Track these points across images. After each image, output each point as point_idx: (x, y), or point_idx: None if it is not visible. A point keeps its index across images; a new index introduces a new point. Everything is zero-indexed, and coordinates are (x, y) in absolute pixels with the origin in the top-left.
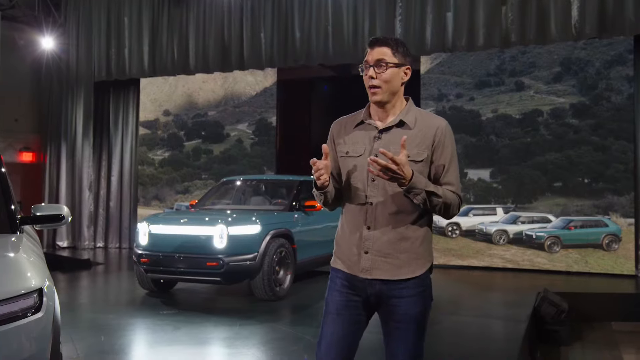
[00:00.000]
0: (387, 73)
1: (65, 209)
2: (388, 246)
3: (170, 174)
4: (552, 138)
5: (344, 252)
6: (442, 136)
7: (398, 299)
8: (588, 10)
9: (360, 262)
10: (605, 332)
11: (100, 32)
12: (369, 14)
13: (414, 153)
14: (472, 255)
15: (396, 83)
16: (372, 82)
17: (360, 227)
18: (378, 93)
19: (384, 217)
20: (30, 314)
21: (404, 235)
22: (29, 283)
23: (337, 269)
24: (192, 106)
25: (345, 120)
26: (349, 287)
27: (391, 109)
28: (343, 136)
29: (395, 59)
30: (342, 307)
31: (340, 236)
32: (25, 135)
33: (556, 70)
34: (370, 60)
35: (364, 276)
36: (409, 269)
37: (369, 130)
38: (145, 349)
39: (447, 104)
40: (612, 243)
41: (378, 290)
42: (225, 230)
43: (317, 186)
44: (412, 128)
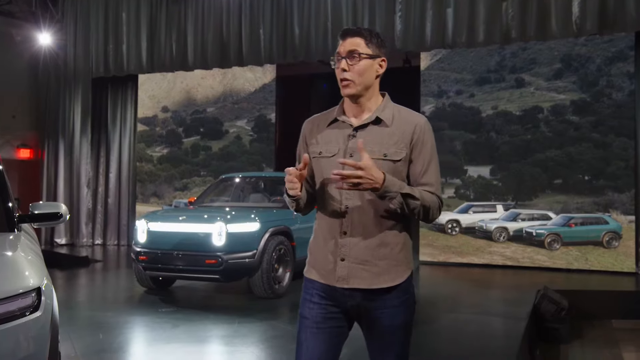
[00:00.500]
0: (360, 65)
1: (63, 207)
2: (366, 253)
3: (168, 171)
4: (552, 135)
5: (319, 260)
6: (422, 133)
7: (381, 310)
8: (589, 6)
9: (336, 271)
10: (605, 329)
11: (98, 28)
12: (369, 10)
13: (392, 152)
14: (472, 252)
15: (370, 76)
16: (344, 75)
17: (336, 234)
18: (350, 86)
19: (361, 222)
20: (28, 313)
21: (382, 241)
22: (27, 282)
23: (312, 279)
24: (190, 102)
25: (317, 119)
26: (327, 298)
27: (366, 104)
28: (315, 135)
29: (369, 50)
30: (322, 319)
31: (314, 244)
32: (23, 131)
33: (557, 67)
34: (342, 52)
35: (341, 285)
36: (389, 277)
37: (343, 128)
38: (144, 347)
39: (447, 101)
40: (613, 240)
41: (359, 301)
42: (224, 228)
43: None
44: (389, 125)
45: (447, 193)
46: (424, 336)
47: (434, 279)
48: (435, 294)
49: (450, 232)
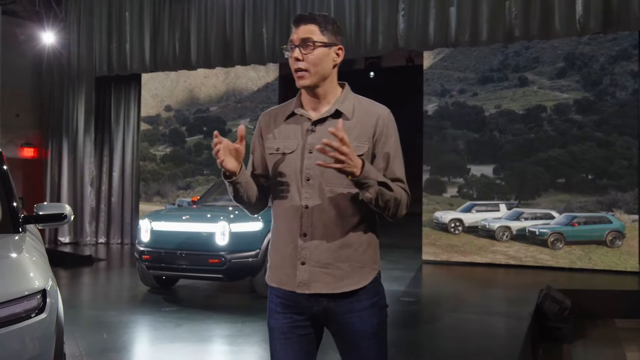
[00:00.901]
0: (315, 54)
1: (68, 207)
2: (328, 255)
3: (172, 170)
4: (555, 134)
5: (278, 265)
6: (384, 126)
7: (349, 314)
8: (592, 5)
9: (296, 276)
10: (609, 329)
11: (102, 27)
12: (372, 9)
13: (353, 146)
14: (474, 251)
15: (327, 65)
16: (298, 65)
17: (295, 235)
18: (305, 77)
19: (322, 222)
20: (34, 315)
21: (345, 241)
22: (33, 284)
23: (274, 287)
24: (193, 101)
25: (275, 112)
26: (291, 306)
27: (324, 96)
28: (272, 130)
29: (324, 38)
30: (288, 330)
31: (273, 247)
32: (27, 130)
33: (560, 66)
34: (296, 40)
35: (302, 291)
36: (353, 280)
37: (301, 123)
38: (148, 346)
39: (450, 100)
40: (616, 240)
41: (325, 306)
42: (227, 227)
43: (223, 174)
44: (350, 118)
45: (450, 192)
46: (426, 335)
47: (437, 278)
48: (438, 293)
49: (453, 231)
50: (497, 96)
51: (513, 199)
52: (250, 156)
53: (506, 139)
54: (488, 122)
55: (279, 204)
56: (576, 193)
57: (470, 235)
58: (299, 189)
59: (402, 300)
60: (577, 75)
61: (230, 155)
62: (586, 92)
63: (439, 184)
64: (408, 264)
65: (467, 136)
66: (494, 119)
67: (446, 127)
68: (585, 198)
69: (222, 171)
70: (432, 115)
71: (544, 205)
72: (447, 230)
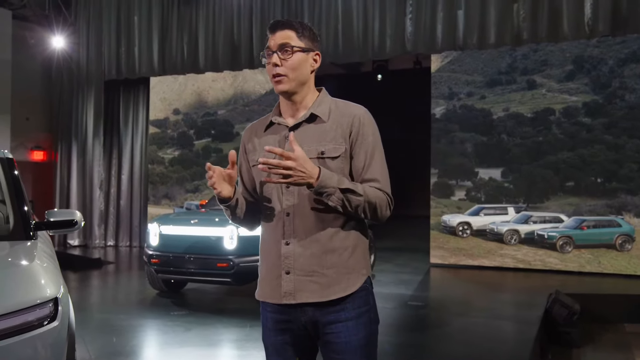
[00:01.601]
0: (293, 59)
1: (78, 214)
2: (312, 262)
3: (180, 173)
4: (564, 137)
5: (265, 277)
6: (361, 125)
7: (335, 324)
8: (601, 7)
9: (281, 286)
10: (618, 333)
11: (110, 31)
12: (379, 12)
13: (330, 148)
14: (483, 255)
15: (305, 71)
16: (276, 70)
17: (279, 244)
18: (284, 82)
19: (304, 229)
20: (46, 323)
21: (329, 247)
22: (45, 292)
23: (262, 301)
24: (201, 105)
25: (255, 125)
26: (281, 321)
27: (301, 102)
28: (254, 142)
29: (302, 43)
30: (281, 346)
31: (261, 257)
32: (36, 134)
33: (569, 69)
34: (273, 46)
35: (288, 301)
36: (340, 287)
37: (279, 132)
38: (157, 350)
39: (458, 103)
40: (626, 243)
41: (311, 316)
42: (235, 231)
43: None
44: (325, 121)
45: (458, 195)
46: (434, 339)
47: (445, 281)
48: (446, 297)
49: (461, 234)
50: (505, 99)
51: (521, 202)
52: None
53: (514, 142)
54: (496, 125)
55: (264, 214)
56: (585, 196)
57: (478, 239)
58: (280, 197)
59: (410, 304)
60: (585, 78)
61: (224, 182)
62: (595, 95)
63: (446, 187)
64: (416, 267)
65: (475, 139)
66: (502, 122)
67: (454, 130)
68: (595, 201)
69: (217, 198)
70: (440, 118)
71: (553, 208)
72: (455, 233)
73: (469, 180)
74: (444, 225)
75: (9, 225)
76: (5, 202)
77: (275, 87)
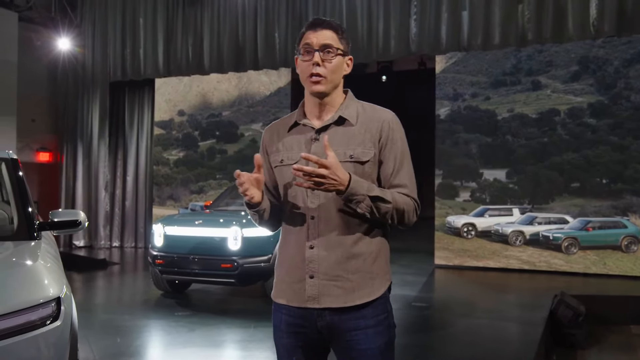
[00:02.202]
0: (334, 61)
1: (82, 214)
2: (336, 267)
3: (184, 174)
4: (569, 138)
5: (285, 279)
6: (390, 130)
7: (354, 331)
8: (606, 8)
9: (305, 290)
10: (624, 335)
11: (116, 33)
12: (384, 13)
13: (358, 152)
14: (487, 256)
15: (340, 74)
16: (317, 70)
17: (303, 247)
18: (322, 83)
19: (330, 233)
20: (48, 323)
21: (354, 252)
22: (47, 292)
23: (280, 303)
24: (206, 106)
25: (277, 125)
26: (296, 325)
27: (330, 104)
28: (276, 143)
29: (342, 46)
30: (293, 349)
31: (280, 260)
32: (42, 135)
33: (574, 69)
34: (315, 44)
35: (312, 306)
36: (364, 292)
37: (304, 132)
38: (161, 351)
39: (463, 104)
40: (631, 244)
41: (329, 322)
42: (239, 232)
43: (248, 204)
44: (354, 124)
45: (463, 196)
46: (439, 340)
47: (450, 282)
48: (451, 298)
49: (466, 235)
50: (510, 100)
51: (526, 204)
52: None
53: (519, 143)
54: (501, 126)
55: (288, 216)
56: (590, 197)
57: (483, 240)
58: (305, 200)
59: (414, 305)
60: (591, 78)
61: (253, 187)
62: (600, 95)
63: (451, 188)
64: (420, 269)
65: (479, 140)
66: (506, 123)
67: (458, 131)
68: (600, 202)
69: (246, 202)
70: (445, 119)
71: (558, 209)
72: (460, 234)
73: (473, 181)
74: (449, 227)
75: (13, 226)
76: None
77: (311, 87)
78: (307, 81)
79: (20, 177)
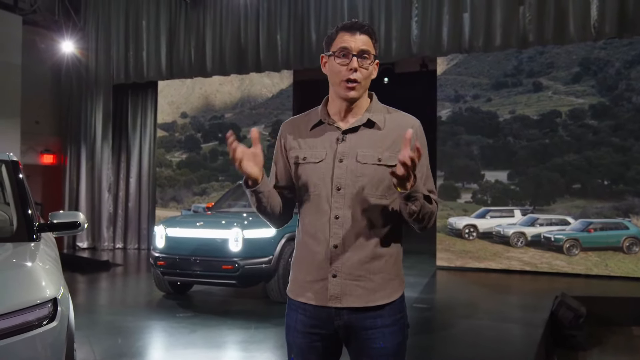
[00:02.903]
0: (370, 68)
1: (81, 216)
2: (359, 267)
3: (187, 176)
4: (570, 139)
5: (306, 278)
6: (417, 137)
7: (372, 330)
8: (608, 9)
9: (328, 289)
10: (625, 336)
11: (119, 36)
12: (385, 15)
13: (386, 156)
14: (489, 257)
15: (370, 80)
16: (354, 76)
17: (325, 246)
18: (357, 89)
19: (353, 233)
20: (45, 323)
21: (376, 253)
22: (44, 293)
23: (298, 301)
24: (209, 108)
25: (298, 121)
26: (312, 325)
27: (356, 107)
28: (297, 139)
29: (375, 52)
30: (307, 349)
31: (300, 259)
32: (46, 137)
33: (575, 71)
34: (354, 49)
35: (334, 305)
36: (385, 293)
37: (329, 132)
38: (162, 352)
39: (464, 105)
40: (633, 246)
41: (347, 321)
42: (240, 234)
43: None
44: (382, 128)
45: (464, 198)
46: (440, 341)
47: (451, 283)
48: (452, 299)
49: (468, 237)
50: (511, 101)
51: (528, 205)
52: (273, 167)
53: (520, 145)
54: (502, 127)
55: (307, 215)
56: (592, 199)
57: (484, 241)
58: (329, 199)
59: (415, 306)
60: (592, 80)
61: (251, 162)
62: (602, 97)
63: (453, 190)
64: (422, 270)
65: (481, 142)
66: (508, 125)
67: (460, 133)
68: (602, 204)
69: (244, 179)
70: (446, 120)
71: (559, 211)
72: (462, 236)
73: (475, 182)
74: (450, 228)
75: (12, 227)
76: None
77: (347, 92)
78: (342, 85)
79: (20, 179)
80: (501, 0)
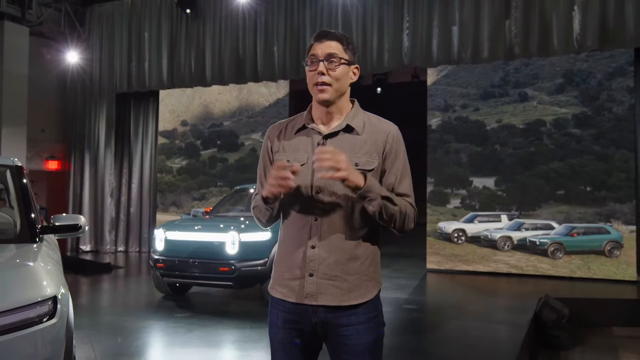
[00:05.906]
0: (339, 70)
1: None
2: (335, 267)
3: (187, 182)
4: (555, 147)
5: (284, 276)
6: (394, 142)
7: (346, 327)
8: (589, 23)
9: (304, 287)
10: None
11: (122, 47)
12: (377, 27)
13: (364, 161)
14: (477, 260)
15: (345, 82)
16: (322, 79)
17: (304, 246)
18: (327, 91)
19: (331, 234)
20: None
21: (353, 254)
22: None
23: (277, 298)
24: (208, 116)
25: (283, 125)
26: (292, 321)
27: (336, 111)
28: (282, 142)
29: (346, 56)
30: (288, 344)
31: (280, 258)
32: (51, 144)
33: (559, 82)
34: (320, 54)
35: (309, 302)
36: (359, 293)
37: (311, 136)
38: (160, 351)
39: (453, 115)
40: (614, 250)
41: (323, 318)
42: (237, 237)
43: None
44: (360, 133)
45: (454, 203)
46: (427, 342)
47: (441, 286)
48: (442, 301)
49: (457, 241)
50: (498, 111)
51: (514, 210)
52: (259, 171)
53: (507, 152)
54: (490, 136)
55: (289, 216)
56: (575, 204)
57: (472, 245)
58: (309, 202)
59: (405, 307)
60: (575, 90)
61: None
62: (584, 107)
63: (442, 196)
64: (413, 273)
65: (469, 149)
66: (495, 133)
67: (449, 141)
68: (584, 209)
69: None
70: (436, 129)
71: (544, 216)
72: (451, 240)
73: (463, 188)
74: (440, 232)
75: (16, 229)
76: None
77: (318, 95)
78: (314, 89)
79: (23, 184)
80: (488, 15)
